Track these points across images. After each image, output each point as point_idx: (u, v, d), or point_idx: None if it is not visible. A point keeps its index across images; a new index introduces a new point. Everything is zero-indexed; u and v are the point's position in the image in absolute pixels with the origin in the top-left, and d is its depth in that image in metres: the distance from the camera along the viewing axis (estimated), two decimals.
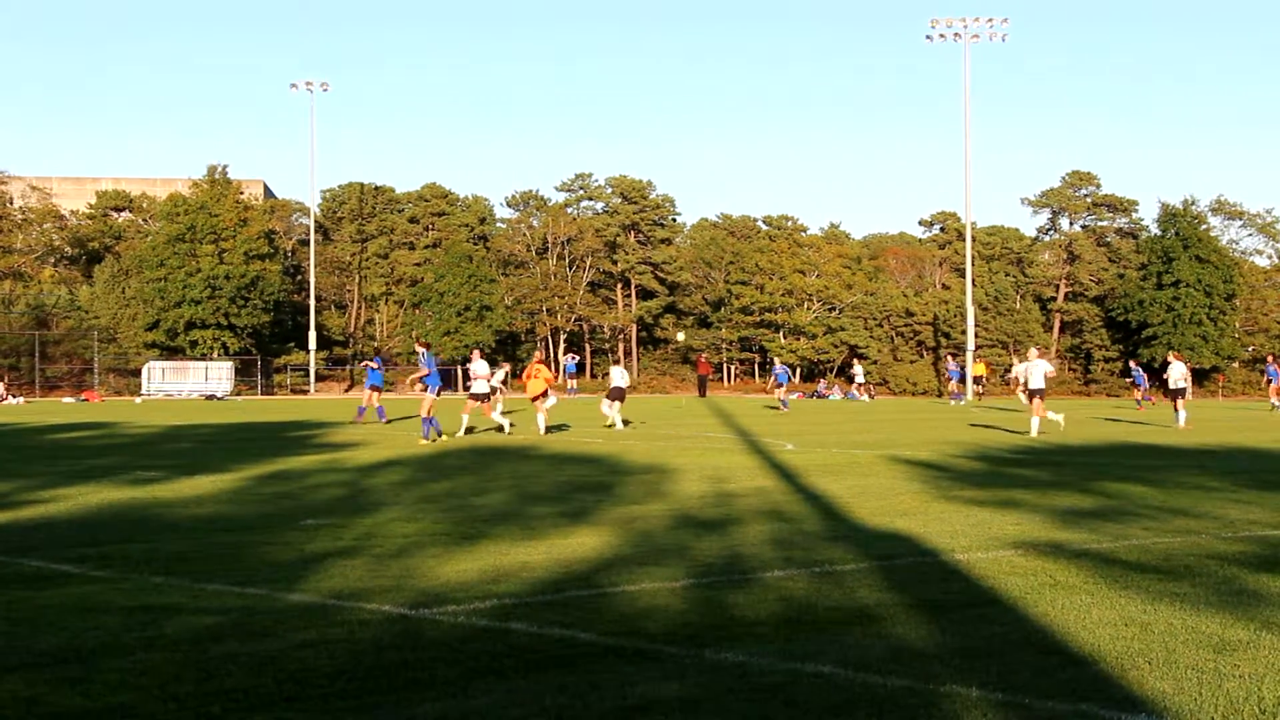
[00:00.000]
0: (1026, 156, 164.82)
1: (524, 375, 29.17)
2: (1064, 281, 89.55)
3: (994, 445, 24.47)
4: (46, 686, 6.02)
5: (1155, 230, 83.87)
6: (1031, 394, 29.06)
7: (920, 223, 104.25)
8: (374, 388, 36.27)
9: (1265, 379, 51.45)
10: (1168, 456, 21.81)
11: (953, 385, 60.73)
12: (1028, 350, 32.07)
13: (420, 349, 28.14)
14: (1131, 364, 54.86)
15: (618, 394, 31.78)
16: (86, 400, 63.34)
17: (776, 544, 10.63)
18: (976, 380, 67.82)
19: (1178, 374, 33.27)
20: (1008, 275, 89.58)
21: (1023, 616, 7.72)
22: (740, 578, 9.00)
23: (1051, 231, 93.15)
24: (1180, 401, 32.41)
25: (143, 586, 8.62)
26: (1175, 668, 6.48)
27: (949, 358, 67.20)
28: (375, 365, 36.89)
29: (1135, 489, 15.52)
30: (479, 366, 27.99)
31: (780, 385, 51.04)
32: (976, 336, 76.84)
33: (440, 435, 25.86)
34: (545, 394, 28.60)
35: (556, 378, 65.09)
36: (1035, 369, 28.98)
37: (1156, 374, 79.06)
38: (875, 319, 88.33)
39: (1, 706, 5.68)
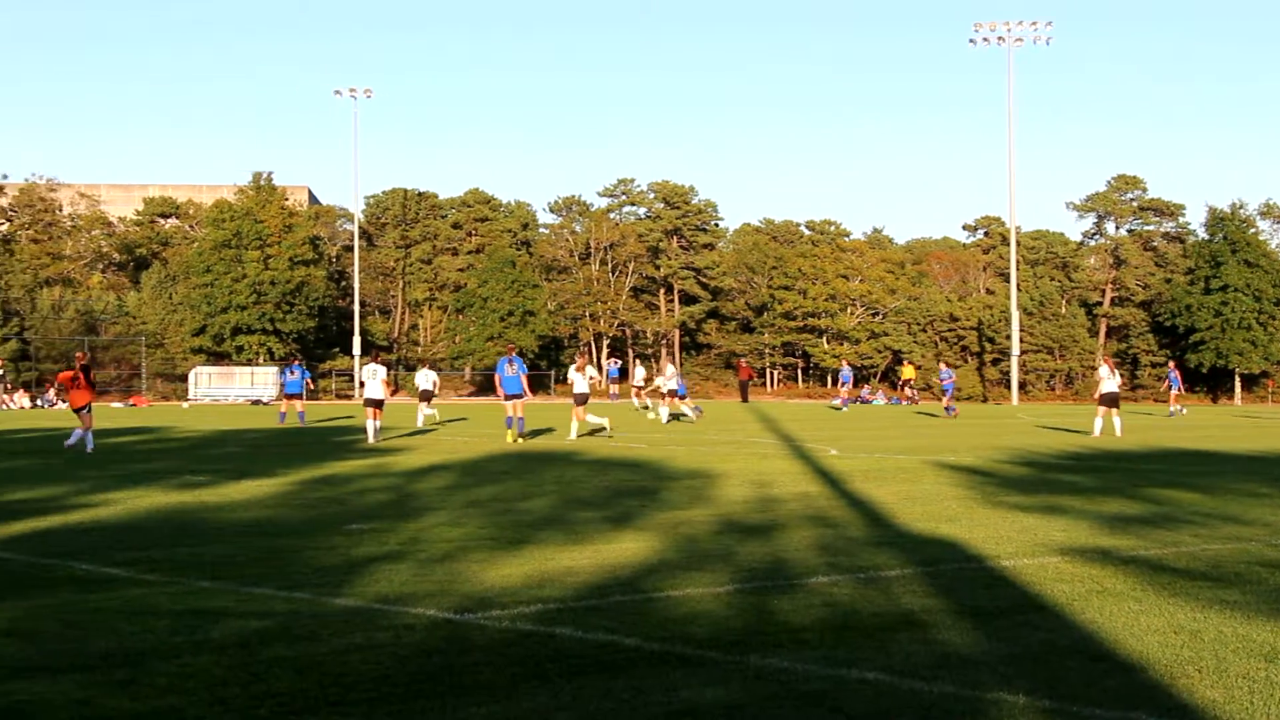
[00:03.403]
0: (1071, 160, 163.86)
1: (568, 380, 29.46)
2: (1110, 286, 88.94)
3: (1040, 450, 24.32)
4: (97, 689, 6.07)
5: (1203, 234, 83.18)
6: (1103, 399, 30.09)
7: (964, 227, 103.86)
8: (292, 395, 37.24)
9: None
10: (1216, 462, 21.62)
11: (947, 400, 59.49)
12: (1105, 358, 32.54)
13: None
14: (1170, 365, 54.26)
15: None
16: (134, 405, 63.87)
17: (821, 549, 10.60)
18: (906, 384, 67.09)
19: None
20: (1053, 280, 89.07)
21: (1070, 623, 7.66)
22: (784, 583, 8.98)
23: (1097, 236, 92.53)
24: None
25: (190, 590, 8.68)
26: (1226, 676, 6.42)
27: (941, 365, 66.65)
28: (295, 375, 37.70)
29: (1183, 495, 15.39)
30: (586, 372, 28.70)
31: (845, 384, 54.45)
32: (1021, 341, 76.47)
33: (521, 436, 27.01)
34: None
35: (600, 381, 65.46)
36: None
37: (1203, 378, 78.81)
38: (919, 324, 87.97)
39: (54, 708, 5.73)
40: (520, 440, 26.95)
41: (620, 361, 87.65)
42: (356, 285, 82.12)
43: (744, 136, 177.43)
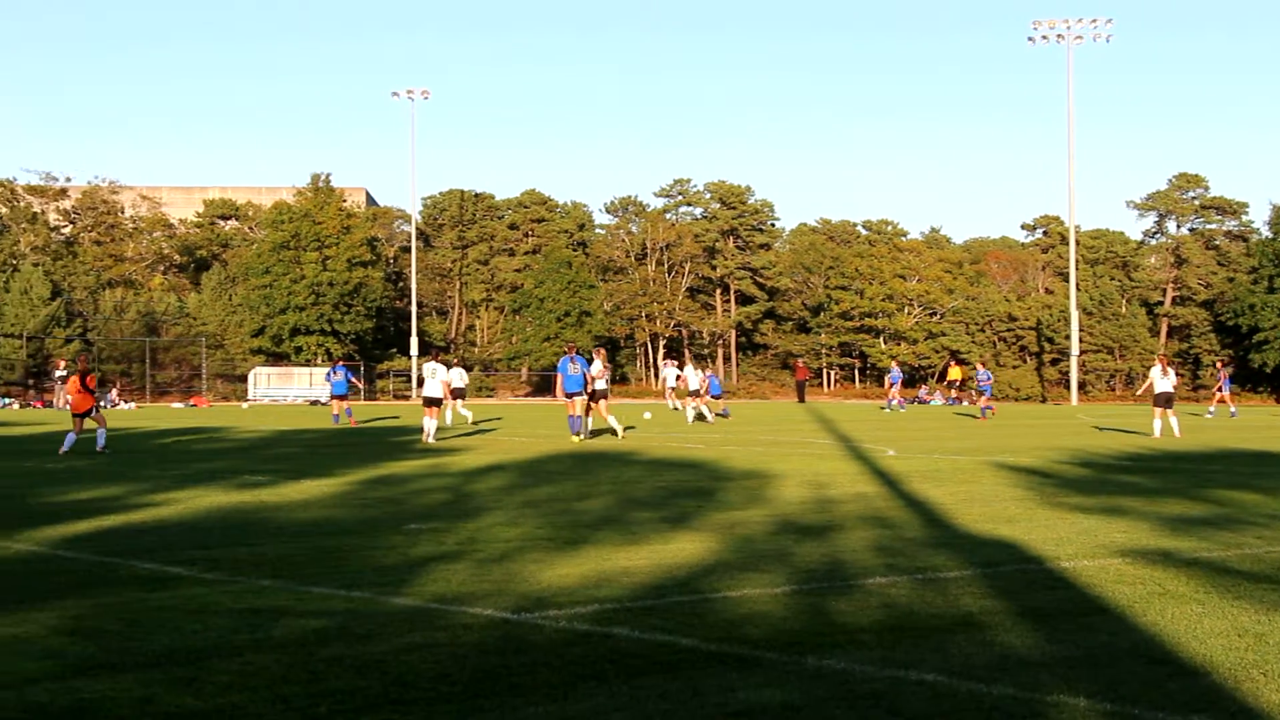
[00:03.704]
0: (1132, 158, 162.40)
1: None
2: (1171, 285, 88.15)
3: (1099, 451, 24.12)
4: (160, 686, 6.12)
5: (1266, 233, 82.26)
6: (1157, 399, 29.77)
7: (1023, 226, 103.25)
8: (338, 396, 38.12)
9: None
10: (1279, 463, 21.38)
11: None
12: (1158, 358, 32.12)
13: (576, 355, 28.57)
14: (1218, 364, 53.60)
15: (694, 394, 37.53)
16: (195, 405, 64.50)
17: (878, 550, 10.55)
18: (952, 385, 66.24)
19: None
20: (1113, 279, 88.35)
21: (1131, 626, 7.59)
22: (842, 584, 8.94)
23: (1158, 235, 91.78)
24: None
25: (250, 589, 8.75)
26: None
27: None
28: (339, 375, 38.81)
29: (1247, 496, 15.22)
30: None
31: (895, 385, 55.00)
32: (1081, 341, 75.89)
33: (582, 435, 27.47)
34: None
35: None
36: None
37: (1266, 378, 77.87)
38: (977, 324, 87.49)
39: (118, 706, 5.79)
40: (581, 439, 27.28)
41: (677, 362, 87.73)
42: (414, 286, 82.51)
43: (801, 136, 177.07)
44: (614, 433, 28.31)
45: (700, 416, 38.01)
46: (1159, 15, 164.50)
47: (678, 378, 41.97)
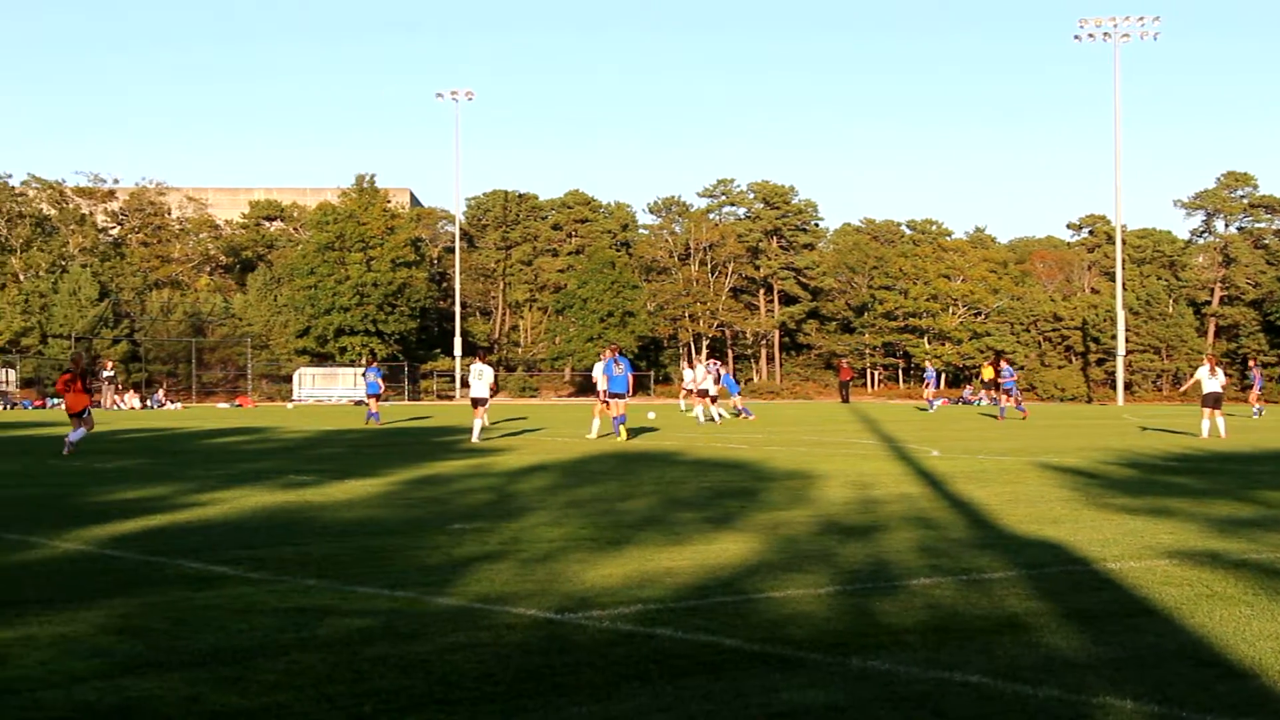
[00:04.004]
0: (1179, 157, 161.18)
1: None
2: (1219, 285, 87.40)
3: (1146, 452, 23.95)
4: (206, 685, 6.16)
5: None
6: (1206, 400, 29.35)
7: (1068, 226, 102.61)
8: (372, 396, 38.92)
9: None
10: None
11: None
12: (1206, 358, 31.72)
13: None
14: (1251, 364, 53.03)
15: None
16: (240, 405, 64.94)
17: (922, 551, 10.51)
18: (986, 385, 65.32)
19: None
20: (1159, 279, 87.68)
21: (1178, 627, 7.53)
22: (886, 585, 8.91)
23: (1206, 234, 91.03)
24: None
25: (296, 589, 8.79)
26: None
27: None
28: (373, 377, 39.52)
29: None
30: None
31: (929, 385, 55.15)
32: (1127, 341, 75.38)
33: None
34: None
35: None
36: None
37: None
38: (1022, 323, 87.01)
39: (164, 704, 5.83)
40: (621, 437, 27.70)
41: (718, 363, 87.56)
42: (458, 286, 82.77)
43: (844, 136, 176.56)
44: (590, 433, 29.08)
45: (710, 418, 37.74)
46: (1207, 12, 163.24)
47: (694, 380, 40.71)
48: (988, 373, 60.77)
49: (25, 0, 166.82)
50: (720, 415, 38.46)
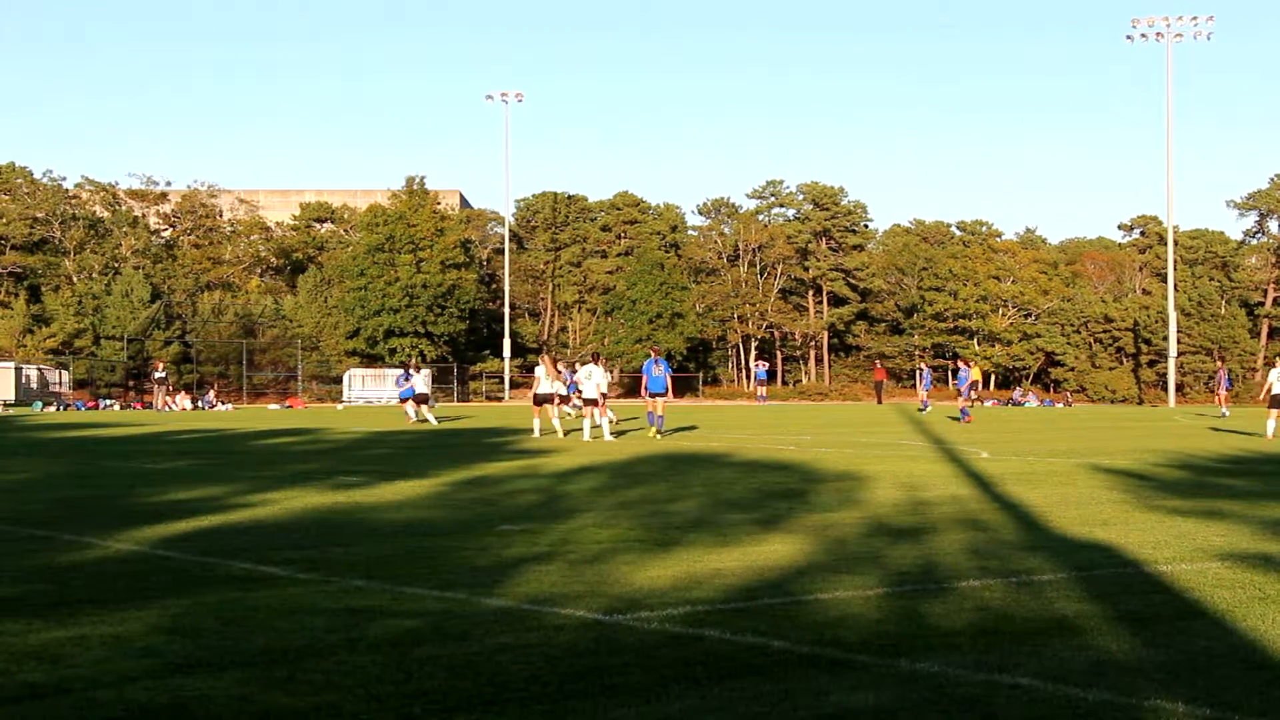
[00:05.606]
0: (1232, 157, 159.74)
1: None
2: (1273, 286, 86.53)
3: (1198, 453, 23.74)
4: (256, 685, 6.20)
5: None
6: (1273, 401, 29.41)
7: (1119, 227, 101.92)
8: (408, 398, 39.89)
9: None
10: None
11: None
12: (1276, 359, 31.65)
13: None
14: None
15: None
16: (291, 407, 65.36)
17: (972, 553, 10.46)
18: (973, 386, 64.33)
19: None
20: (1212, 280, 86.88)
21: (1230, 630, 7.46)
22: (935, 587, 8.87)
23: (1259, 234, 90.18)
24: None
25: (345, 589, 8.83)
26: None
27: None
28: (409, 382, 40.14)
29: None
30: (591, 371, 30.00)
31: (925, 386, 55.94)
32: (1179, 343, 74.75)
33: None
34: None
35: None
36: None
37: None
38: (1072, 325, 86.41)
39: (215, 704, 5.87)
40: (659, 435, 28.92)
41: (768, 364, 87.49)
42: (507, 288, 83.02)
43: (894, 137, 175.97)
44: (555, 431, 29.84)
45: (620, 432, 31.70)
46: (1261, 11, 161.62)
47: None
48: (976, 373, 60.49)
49: (80, 5, 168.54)
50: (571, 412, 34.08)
